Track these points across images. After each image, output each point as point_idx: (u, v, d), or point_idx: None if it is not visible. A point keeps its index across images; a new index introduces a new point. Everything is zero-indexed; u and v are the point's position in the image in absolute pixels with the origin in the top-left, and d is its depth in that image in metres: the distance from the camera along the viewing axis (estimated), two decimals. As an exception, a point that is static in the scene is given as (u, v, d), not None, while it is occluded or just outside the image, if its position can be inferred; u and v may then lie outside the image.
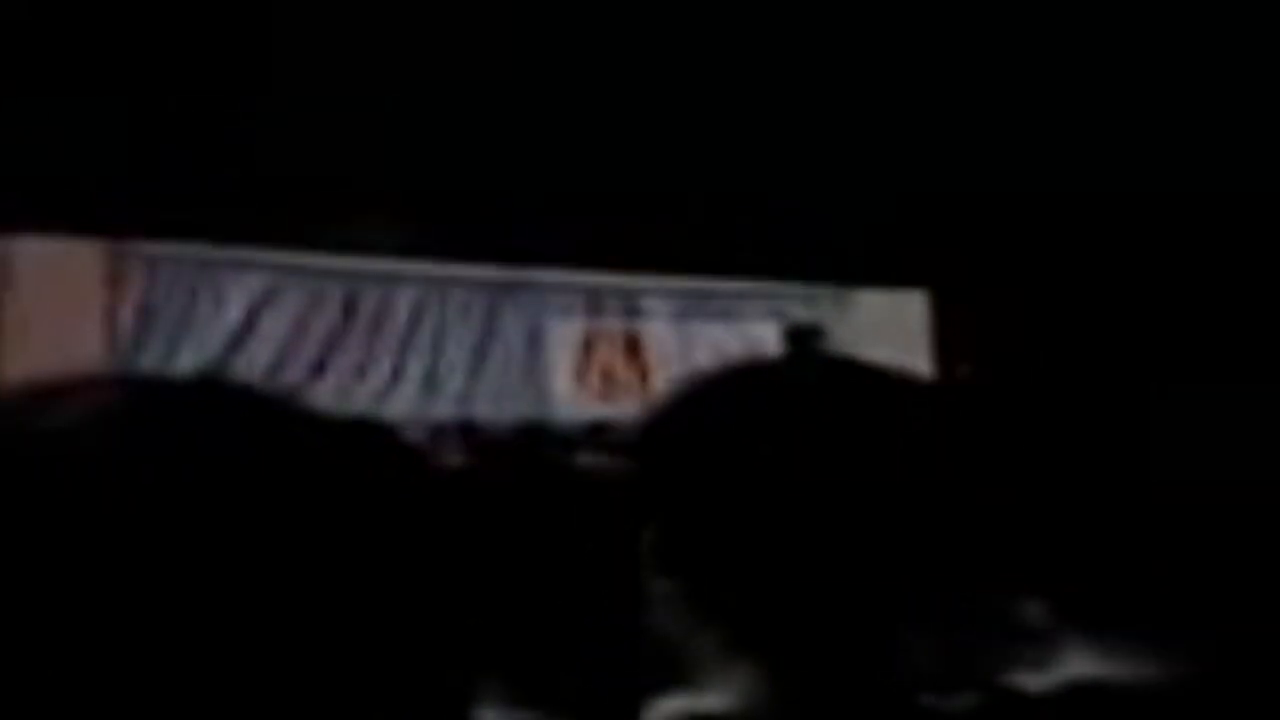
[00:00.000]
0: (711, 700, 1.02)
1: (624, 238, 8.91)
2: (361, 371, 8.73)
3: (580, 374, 9.17)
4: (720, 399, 1.10)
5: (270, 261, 8.58)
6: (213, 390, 0.94)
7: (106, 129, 7.68)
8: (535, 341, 9.18)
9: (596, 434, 7.83)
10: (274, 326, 8.61)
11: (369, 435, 0.93)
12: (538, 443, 7.99)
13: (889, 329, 9.71)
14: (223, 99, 7.98)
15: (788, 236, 9.17)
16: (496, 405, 8.90)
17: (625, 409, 8.58)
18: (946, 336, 9.70)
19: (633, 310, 9.51)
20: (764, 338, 9.65)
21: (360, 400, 8.57)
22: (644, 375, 9.28)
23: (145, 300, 8.28)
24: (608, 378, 9.27)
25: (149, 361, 8.24)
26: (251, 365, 8.53)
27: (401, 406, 8.62)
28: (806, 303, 9.72)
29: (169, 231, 8.13)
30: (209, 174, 7.90)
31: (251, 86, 8.03)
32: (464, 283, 9.03)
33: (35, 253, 7.80)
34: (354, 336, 8.78)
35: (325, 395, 8.56)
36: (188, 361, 8.35)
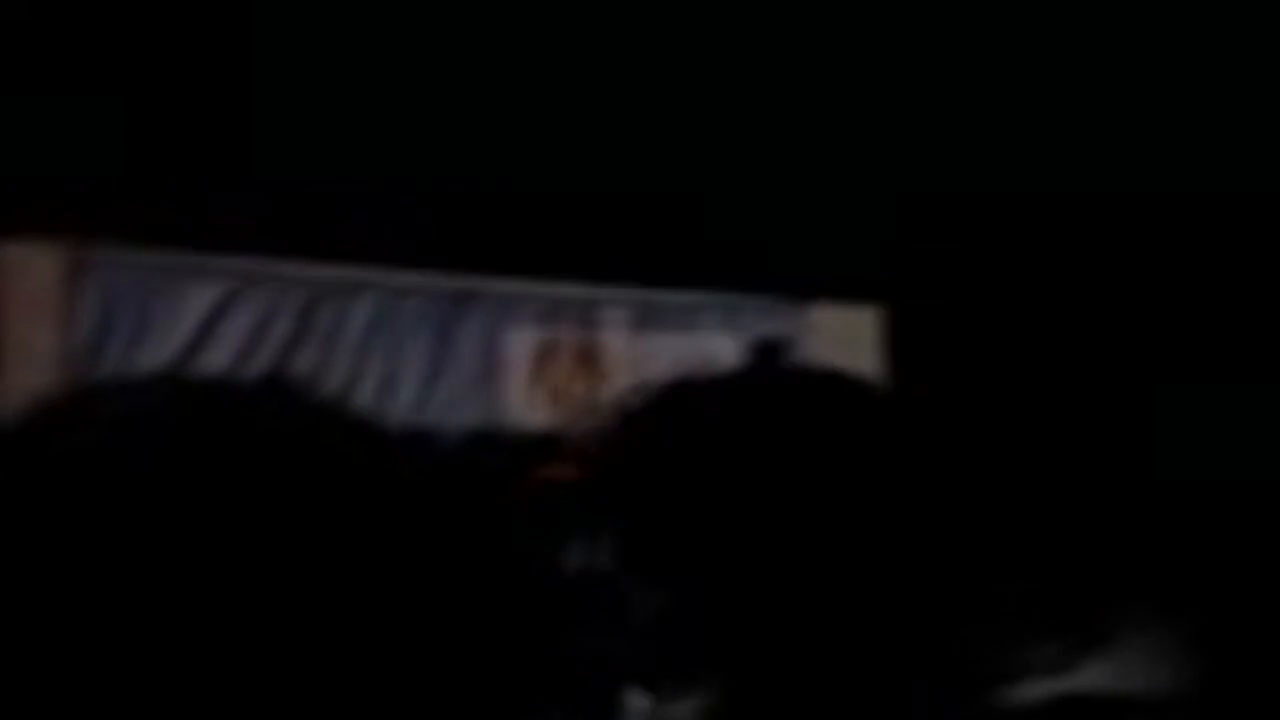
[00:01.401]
0: (680, 709, 1.02)
1: (581, 247, 8.95)
2: (316, 379, 8.72)
3: (535, 383, 9.19)
4: (683, 407, 1.12)
5: (228, 268, 8.57)
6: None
7: (61, 129, 7.67)
8: (490, 351, 9.19)
9: (549, 443, 7.85)
10: (231, 333, 8.61)
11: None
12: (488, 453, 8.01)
13: (843, 342, 9.77)
14: (189, 101, 7.98)
15: (745, 248, 9.22)
16: (450, 414, 8.91)
17: (579, 419, 8.60)
18: (899, 350, 9.76)
19: (588, 320, 9.53)
20: (720, 350, 9.67)
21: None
22: (599, 385, 9.29)
23: (102, 305, 8.26)
24: (562, 387, 9.29)
25: (106, 365, 8.22)
26: (207, 371, 8.51)
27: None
28: (763, 315, 9.74)
29: (126, 235, 8.12)
30: (168, 177, 7.90)
31: (217, 91, 8.04)
32: (421, 292, 9.04)
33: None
34: (310, 344, 8.78)
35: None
36: (144, 366, 8.33)
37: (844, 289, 9.70)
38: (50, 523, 0.86)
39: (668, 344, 9.70)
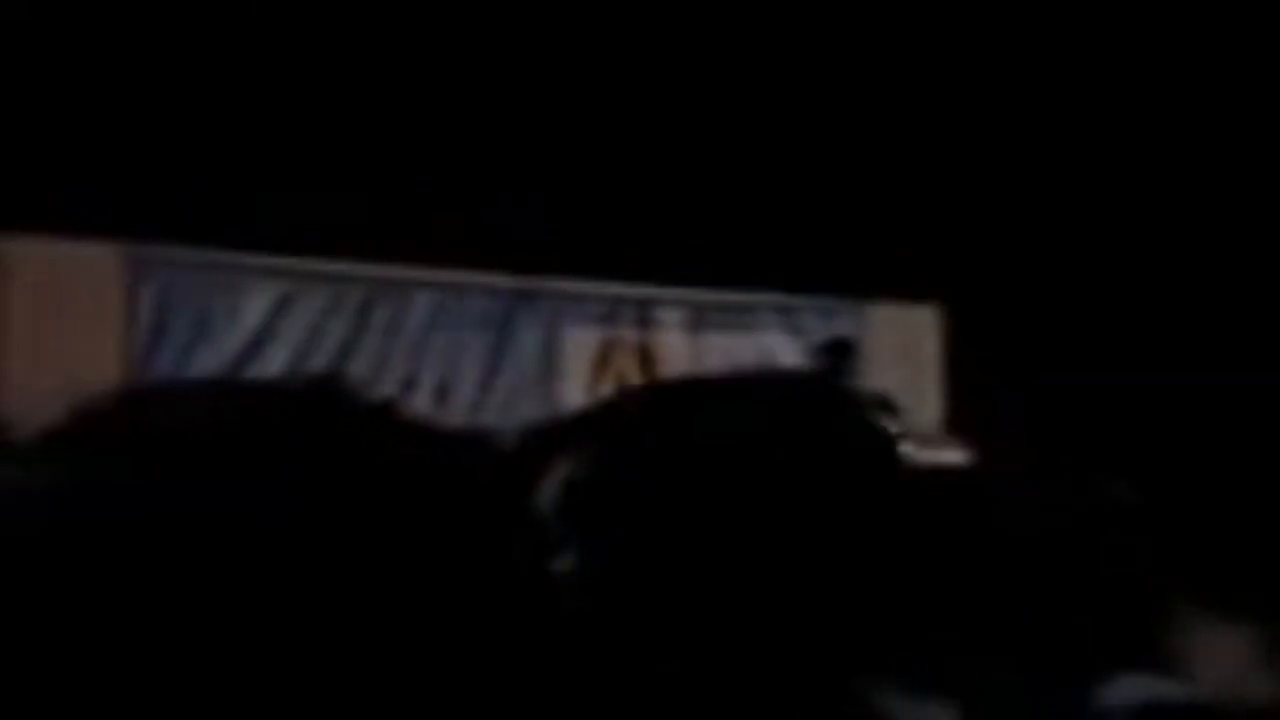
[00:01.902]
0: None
1: (640, 248, 8.92)
2: (374, 379, 8.73)
3: (594, 384, 9.15)
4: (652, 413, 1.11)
5: (287, 267, 8.60)
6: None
7: (124, 130, 7.71)
8: (549, 351, 9.17)
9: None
10: (288, 332, 8.63)
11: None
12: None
13: (904, 341, 9.70)
14: (242, 102, 8.01)
15: (803, 248, 9.16)
16: (508, 413, 8.89)
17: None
18: (958, 349, 9.68)
19: (647, 320, 9.50)
20: (777, 349, 9.62)
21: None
22: (658, 385, 9.25)
23: (161, 305, 8.30)
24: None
25: (163, 364, 8.26)
26: (266, 371, 8.54)
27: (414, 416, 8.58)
28: (821, 315, 9.68)
29: (187, 236, 8.16)
30: (226, 178, 7.93)
31: (269, 92, 8.06)
32: (479, 291, 9.03)
33: (50, 256, 7.83)
34: (368, 344, 8.80)
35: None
36: (202, 367, 8.37)
37: (905, 288, 9.63)
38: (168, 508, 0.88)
39: (725, 344, 9.66)
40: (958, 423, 9.20)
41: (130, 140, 7.77)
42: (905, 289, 9.61)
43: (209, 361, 8.38)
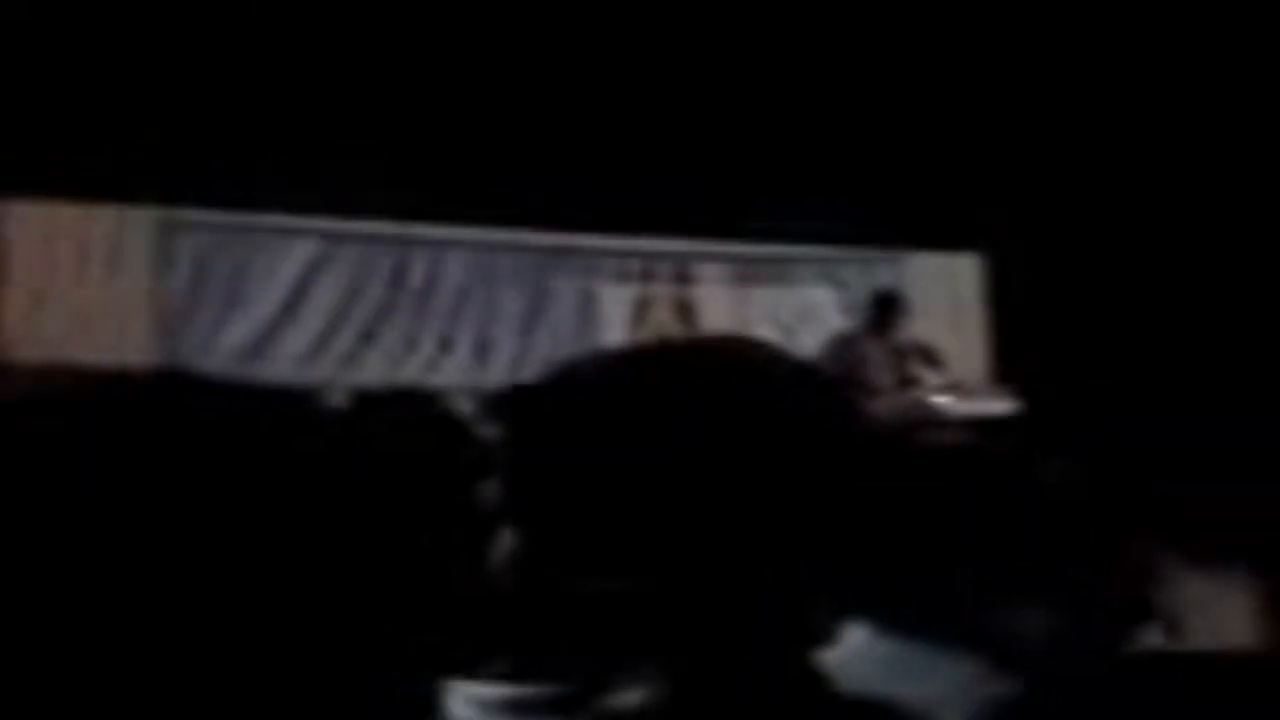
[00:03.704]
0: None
1: (675, 202, 8.84)
2: (412, 340, 8.70)
3: (632, 339, 9.07)
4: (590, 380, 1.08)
5: (319, 229, 8.54)
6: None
7: (157, 94, 7.69)
8: (587, 307, 9.11)
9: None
10: (324, 293, 8.58)
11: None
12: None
13: (945, 291, 9.61)
14: (277, 65, 7.97)
15: (841, 200, 9.07)
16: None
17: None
18: (1000, 300, 9.59)
19: (685, 276, 9.43)
20: (818, 302, 9.55)
21: (410, 369, 8.54)
22: (698, 341, 9.18)
23: (194, 268, 8.27)
24: (660, 344, 9.19)
25: (198, 331, 8.23)
26: (301, 334, 8.51)
27: (452, 375, 8.55)
28: (862, 267, 9.59)
29: (217, 199, 8.12)
30: (254, 141, 7.89)
31: (304, 55, 8.02)
32: (514, 248, 8.97)
33: (80, 220, 7.81)
34: (404, 304, 8.74)
35: (375, 364, 8.54)
36: (238, 331, 8.34)
37: (945, 238, 9.53)
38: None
39: (766, 298, 9.59)
40: (1002, 372, 9.12)
41: (164, 105, 7.74)
42: (946, 238, 9.51)
43: (243, 322, 8.35)
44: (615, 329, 9.11)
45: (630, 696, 1.01)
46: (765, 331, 9.46)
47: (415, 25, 8.25)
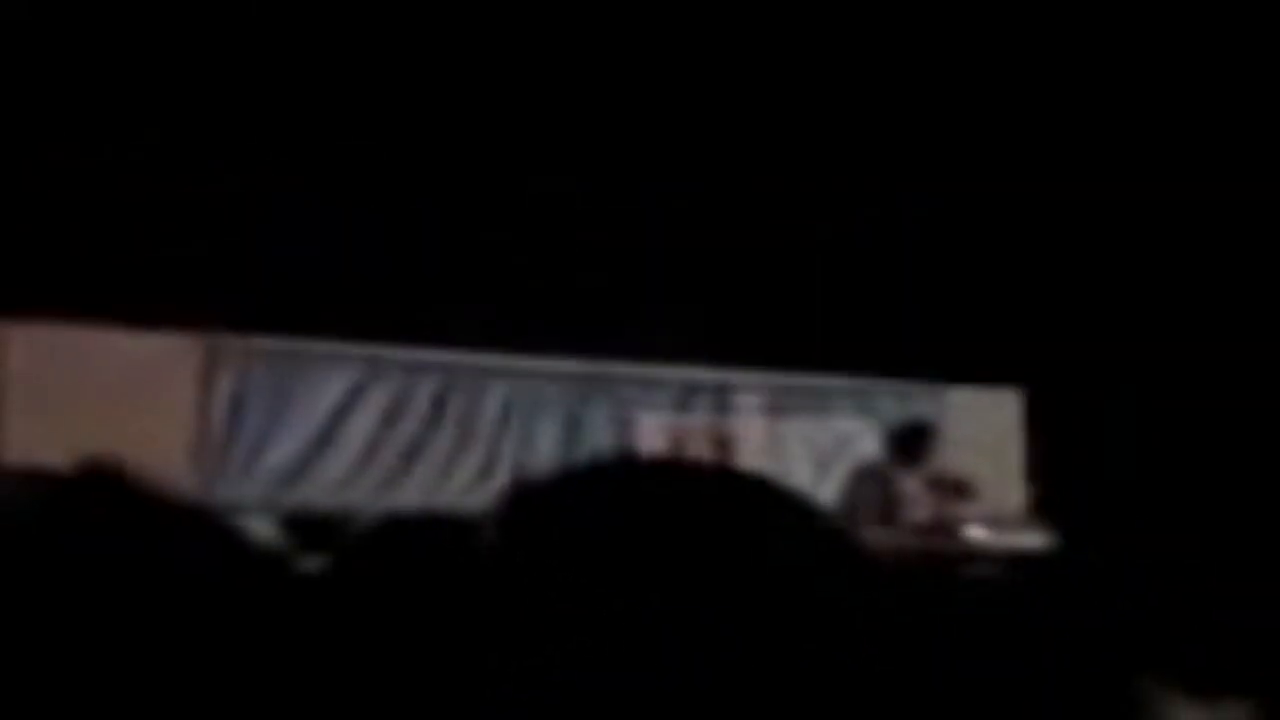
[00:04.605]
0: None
1: (713, 331, 8.89)
2: (450, 465, 8.75)
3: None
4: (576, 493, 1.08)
5: (361, 354, 8.63)
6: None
7: (198, 221, 7.80)
8: (622, 436, 9.15)
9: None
10: (364, 419, 8.66)
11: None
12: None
13: (985, 425, 9.60)
14: (314, 190, 8.08)
15: (881, 332, 9.09)
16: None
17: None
18: (1039, 435, 9.57)
19: (723, 405, 9.46)
20: (855, 434, 9.55)
21: (449, 494, 8.58)
22: (735, 471, 9.17)
23: (237, 392, 8.36)
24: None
25: (240, 453, 8.31)
26: (341, 457, 8.57)
27: (490, 500, 8.56)
28: (899, 399, 9.60)
29: (261, 325, 8.22)
30: (299, 268, 7.98)
31: (342, 180, 8.13)
32: (552, 376, 9.03)
33: (128, 345, 7.91)
34: (444, 430, 8.81)
35: (414, 489, 8.58)
36: (279, 453, 8.41)
37: (985, 372, 9.54)
38: None
39: (803, 429, 9.61)
40: (1040, 507, 9.08)
41: (206, 231, 7.84)
42: (986, 373, 9.51)
43: (283, 448, 8.42)
44: (652, 457, 9.11)
45: None
46: (801, 462, 9.49)
47: (463, 155, 8.35)
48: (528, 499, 1.07)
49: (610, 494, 1.03)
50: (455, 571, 1.11)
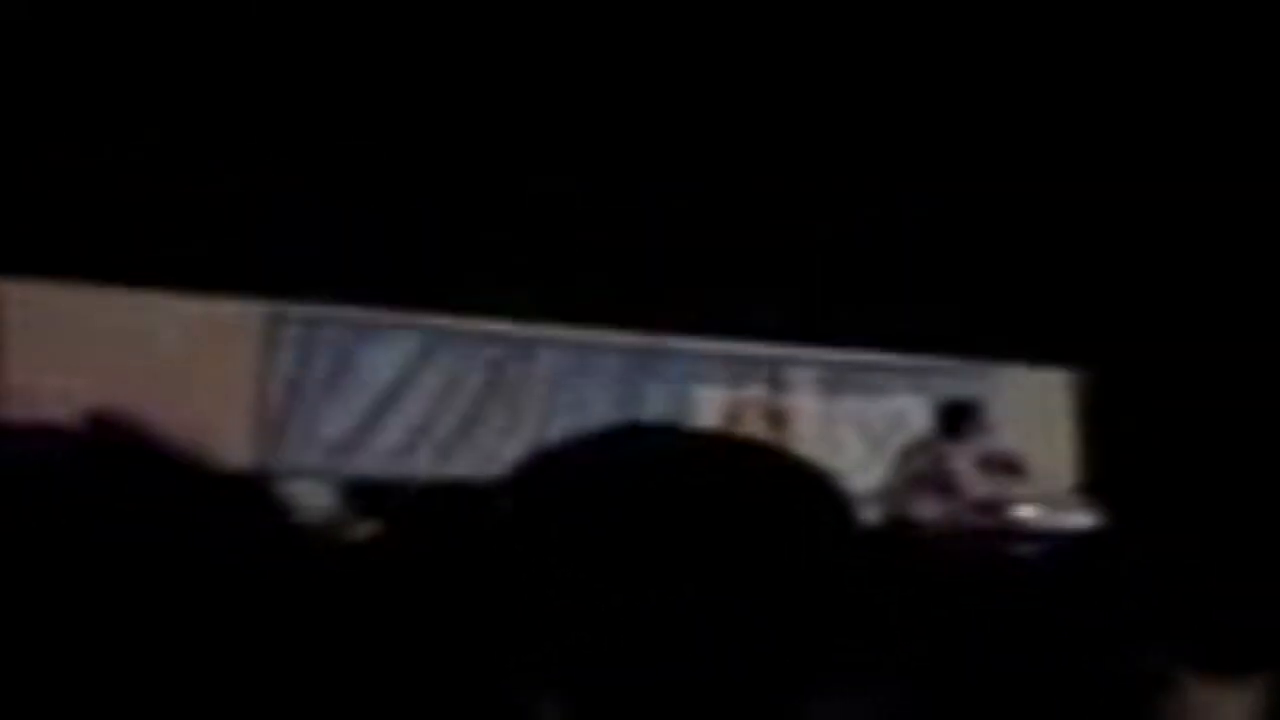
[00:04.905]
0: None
1: (769, 307, 8.92)
2: (506, 435, 8.81)
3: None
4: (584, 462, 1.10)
5: (421, 324, 8.72)
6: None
7: (264, 188, 7.87)
8: (678, 409, 9.18)
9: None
10: (423, 387, 8.76)
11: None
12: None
13: (1034, 405, 9.61)
14: (380, 166, 8.15)
15: (935, 311, 9.11)
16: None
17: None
18: (1089, 414, 9.58)
19: (778, 381, 9.49)
20: (909, 412, 9.56)
21: (504, 464, 8.62)
22: (790, 447, 9.18)
23: (298, 360, 8.46)
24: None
25: (300, 420, 8.41)
26: (399, 427, 8.67)
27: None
28: (953, 377, 9.61)
29: (322, 293, 8.31)
30: (360, 237, 8.06)
31: (406, 155, 8.20)
32: (607, 349, 9.09)
33: (190, 311, 8.00)
34: (499, 400, 8.89)
35: (470, 458, 8.66)
36: (338, 421, 8.52)
37: (1038, 352, 9.55)
38: None
39: (857, 406, 9.64)
40: (1091, 485, 9.09)
41: (270, 199, 7.92)
42: (1038, 351, 9.53)
43: (345, 415, 8.52)
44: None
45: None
46: (855, 439, 9.53)
47: (520, 134, 8.41)
48: (540, 468, 1.10)
49: (616, 462, 1.07)
50: (470, 540, 1.11)
